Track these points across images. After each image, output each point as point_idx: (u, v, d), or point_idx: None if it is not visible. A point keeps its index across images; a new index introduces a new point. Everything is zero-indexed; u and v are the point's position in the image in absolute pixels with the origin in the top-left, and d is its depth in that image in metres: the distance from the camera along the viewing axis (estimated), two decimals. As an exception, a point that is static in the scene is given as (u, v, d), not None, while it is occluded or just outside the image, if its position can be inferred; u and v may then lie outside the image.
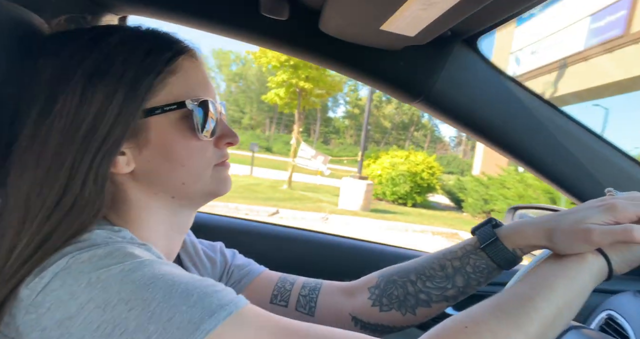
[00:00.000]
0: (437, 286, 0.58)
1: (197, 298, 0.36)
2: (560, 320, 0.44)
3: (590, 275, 0.46)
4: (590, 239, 0.46)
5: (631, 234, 0.44)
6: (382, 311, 0.59)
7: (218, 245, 0.68)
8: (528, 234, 0.52)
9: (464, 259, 0.57)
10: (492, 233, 0.55)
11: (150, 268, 0.37)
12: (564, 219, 0.49)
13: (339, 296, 0.62)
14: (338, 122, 59.35)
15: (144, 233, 0.48)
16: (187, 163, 0.48)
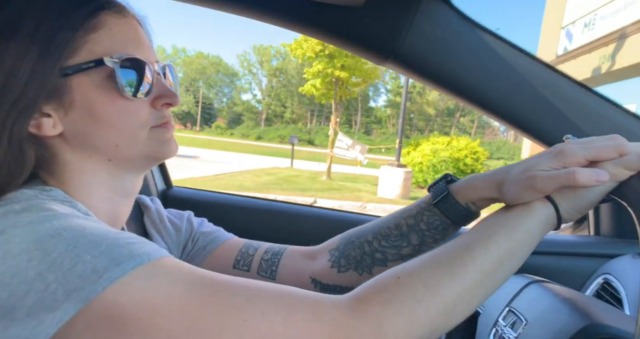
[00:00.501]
0: (392, 244, 0.57)
1: (105, 249, 0.35)
2: (502, 270, 0.42)
3: (536, 223, 0.44)
4: (535, 185, 0.43)
5: (574, 177, 0.41)
6: (339, 272, 0.59)
7: (186, 214, 0.68)
8: (478, 187, 0.50)
9: (418, 217, 0.55)
10: (444, 188, 0.53)
11: (60, 221, 0.37)
12: (513, 169, 0.47)
13: (301, 259, 0.62)
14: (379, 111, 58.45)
15: (83, 196, 0.48)
16: (117, 124, 0.47)
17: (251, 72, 63.90)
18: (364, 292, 0.39)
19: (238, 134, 49.90)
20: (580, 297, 0.50)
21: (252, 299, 0.36)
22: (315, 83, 12.15)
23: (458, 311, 0.39)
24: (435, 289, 0.38)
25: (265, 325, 0.35)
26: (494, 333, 0.56)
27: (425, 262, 0.41)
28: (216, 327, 0.34)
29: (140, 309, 0.34)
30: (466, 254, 0.41)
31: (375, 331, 0.36)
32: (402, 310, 0.37)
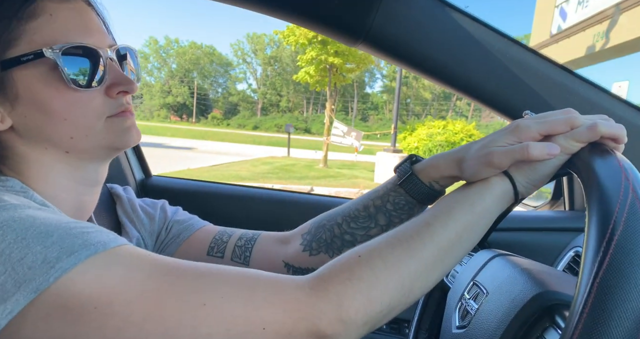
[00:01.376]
0: (360, 226, 0.58)
1: (56, 239, 0.35)
2: (460, 245, 0.42)
3: (494, 199, 0.45)
4: (491, 161, 0.44)
5: (527, 152, 0.42)
6: (311, 255, 0.60)
7: (160, 202, 0.68)
8: (440, 165, 0.51)
9: (385, 197, 0.56)
10: (408, 169, 0.54)
11: (10, 212, 0.37)
12: (472, 147, 0.48)
13: (274, 244, 0.62)
14: (376, 97, 58.13)
15: (42, 186, 0.47)
16: (69, 117, 0.45)
17: (245, 61, 63.26)
18: (326, 271, 0.39)
19: (234, 124, 49.67)
20: (537, 267, 0.51)
21: (211, 283, 0.37)
22: (309, 70, 12.05)
23: (417, 287, 0.40)
24: (394, 267, 0.39)
25: (225, 308, 0.35)
26: (459, 306, 0.57)
27: (385, 240, 0.42)
28: (175, 312, 0.34)
29: (96, 297, 0.33)
30: (425, 231, 0.42)
31: (336, 309, 0.36)
32: (362, 288, 0.37)
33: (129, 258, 0.37)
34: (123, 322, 0.34)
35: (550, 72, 0.74)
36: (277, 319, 0.36)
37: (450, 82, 0.77)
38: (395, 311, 0.40)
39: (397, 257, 0.39)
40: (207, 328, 0.35)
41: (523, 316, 0.43)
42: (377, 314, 0.38)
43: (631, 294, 0.31)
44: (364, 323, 0.37)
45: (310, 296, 0.37)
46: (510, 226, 0.90)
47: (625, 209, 0.35)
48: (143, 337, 0.34)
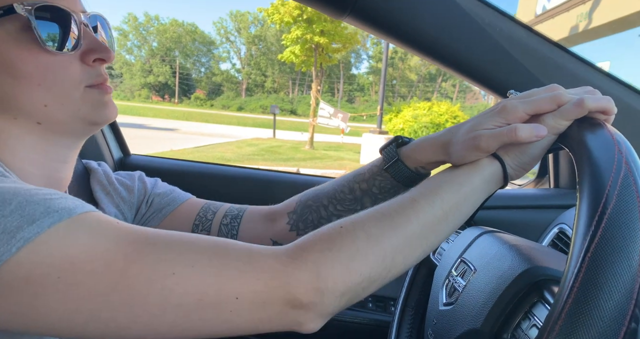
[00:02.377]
0: (347, 208, 0.57)
1: (15, 207, 0.33)
2: (445, 224, 0.42)
3: (482, 180, 0.44)
4: (479, 145, 0.43)
5: (515, 134, 0.41)
6: (299, 235, 0.59)
7: (137, 174, 0.66)
8: (427, 150, 0.50)
9: (370, 181, 0.55)
10: (394, 154, 0.53)
11: None
12: (458, 130, 0.46)
13: (261, 222, 0.61)
14: (362, 78, 57.72)
15: (10, 159, 0.45)
16: (43, 82, 0.43)
17: (229, 40, 61.70)
18: (305, 241, 0.38)
19: (218, 105, 48.83)
20: (525, 243, 0.51)
21: (182, 252, 0.35)
22: (294, 50, 11.83)
23: (398, 262, 0.39)
24: (376, 239, 0.38)
25: (196, 278, 0.34)
26: (447, 284, 0.57)
27: (370, 213, 0.41)
28: (143, 282, 0.33)
29: (59, 267, 0.32)
30: (410, 206, 0.41)
31: (313, 277, 0.35)
32: (341, 257, 0.36)
33: (95, 225, 0.35)
34: (88, 292, 0.32)
35: (541, 47, 0.72)
36: (251, 288, 0.34)
37: (438, 56, 0.75)
38: (375, 285, 0.39)
39: (380, 230, 0.38)
40: (177, 298, 0.33)
41: (511, 292, 0.43)
42: (356, 286, 0.37)
43: (622, 268, 0.31)
44: (342, 293, 0.36)
45: (286, 265, 0.35)
46: (496, 204, 0.90)
47: (619, 183, 0.35)
48: (109, 308, 0.32)
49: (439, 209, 0.41)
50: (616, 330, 0.29)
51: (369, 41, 54.15)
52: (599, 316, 0.30)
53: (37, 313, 0.32)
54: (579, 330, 0.30)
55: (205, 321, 0.34)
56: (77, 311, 0.32)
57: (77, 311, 0.32)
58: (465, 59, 0.75)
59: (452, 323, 0.50)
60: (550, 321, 0.31)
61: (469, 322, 0.47)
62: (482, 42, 0.73)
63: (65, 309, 0.32)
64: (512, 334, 0.42)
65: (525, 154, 0.44)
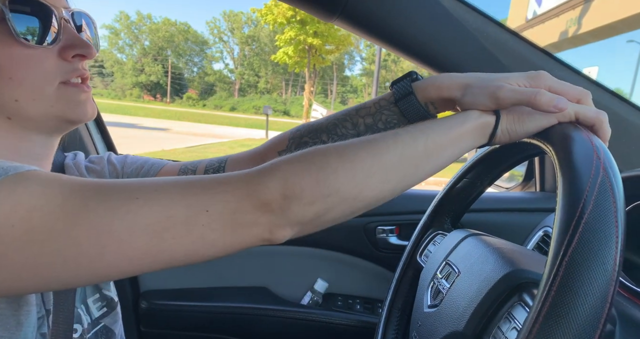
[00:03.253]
0: None
1: None
2: (427, 161, 0.41)
3: (472, 128, 0.43)
4: (497, 94, 0.42)
5: (535, 97, 0.41)
6: None
7: (106, 155, 0.64)
8: (443, 85, 0.47)
9: (377, 116, 0.53)
10: (408, 88, 0.50)
11: None
12: (484, 77, 0.45)
13: (248, 165, 0.56)
14: (355, 80, 57.86)
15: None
16: (15, 75, 0.42)
17: (222, 40, 61.43)
18: (278, 158, 0.38)
19: (211, 105, 48.57)
20: (509, 246, 0.52)
21: (143, 182, 0.34)
22: (287, 51, 11.83)
23: (371, 185, 0.38)
24: (348, 158, 0.37)
25: (161, 198, 0.33)
26: (432, 286, 0.57)
27: (351, 140, 0.40)
28: (105, 210, 0.32)
29: (10, 214, 0.31)
30: (392, 137, 0.40)
31: (280, 183, 0.35)
32: (310, 168, 0.36)
33: (44, 176, 0.34)
34: (47, 233, 0.31)
35: (528, 53, 0.73)
36: (219, 198, 0.34)
37: (426, 60, 0.76)
38: (346, 205, 0.37)
39: (354, 151, 0.38)
40: (144, 218, 0.32)
41: (493, 295, 0.44)
42: (325, 198, 0.36)
43: (598, 272, 0.31)
44: (310, 202, 0.35)
45: (253, 175, 0.35)
46: (483, 206, 0.91)
47: (596, 188, 0.35)
48: (74, 243, 0.31)
49: (421, 145, 0.40)
50: (591, 333, 0.30)
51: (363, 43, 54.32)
52: (575, 319, 0.30)
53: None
54: (555, 333, 0.30)
55: (179, 240, 0.33)
56: (41, 254, 0.31)
57: (41, 253, 0.31)
58: (452, 62, 0.75)
59: (436, 325, 0.51)
60: (528, 324, 0.32)
61: (452, 324, 0.47)
62: (469, 47, 0.74)
63: (27, 254, 0.31)
64: (493, 336, 0.42)
65: (522, 123, 0.43)
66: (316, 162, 0.36)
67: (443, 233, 0.68)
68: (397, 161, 0.39)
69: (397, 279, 0.71)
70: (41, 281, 0.32)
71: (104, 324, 0.53)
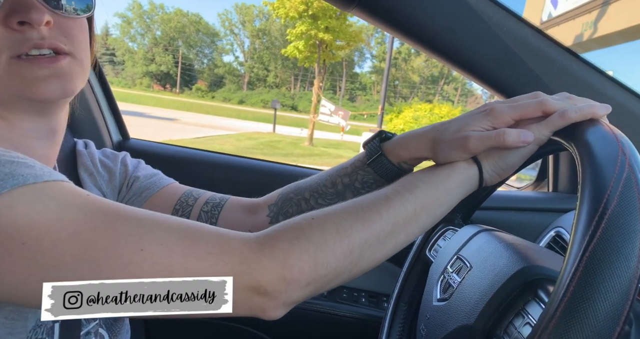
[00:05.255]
0: (328, 202, 0.56)
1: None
2: (416, 222, 0.42)
3: (459, 182, 0.44)
4: (467, 146, 0.44)
5: (503, 138, 0.42)
6: None
7: (121, 155, 0.64)
8: (411, 146, 0.49)
9: (353, 176, 0.55)
10: (377, 148, 0.52)
11: None
12: (447, 129, 0.46)
13: (241, 213, 0.60)
14: (364, 77, 57.61)
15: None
16: None
17: (233, 32, 61.39)
18: (276, 229, 0.38)
19: (220, 97, 48.67)
20: (522, 242, 0.51)
21: (152, 229, 0.34)
22: (298, 45, 11.80)
23: (365, 257, 0.39)
24: (345, 232, 0.38)
25: (164, 256, 0.33)
26: (442, 280, 0.57)
27: (342, 207, 0.41)
28: (111, 255, 0.32)
29: (25, 232, 0.31)
30: (383, 203, 0.41)
31: (280, 266, 0.35)
32: (309, 248, 0.36)
33: (63, 194, 0.33)
34: (54, 261, 0.31)
35: (547, 49, 0.72)
36: (217, 270, 0.34)
37: (444, 53, 0.75)
38: (340, 279, 0.39)
39: (350, 223, 0.38)
40: (143, 274, 0.33)
41: (506, 290, 0.43)
42: (322, 278, 0.37)
43: (620, 268, 0.31)
44: (307, 283, 0.36)
45: (255, 252, 0.35)
46: (494, 205, 0.90)
47: (621, 184, 0.34)
48: (75, 277, 0.31)
49: (411, 209, 0.41)
50: (610, 330, 0.29)
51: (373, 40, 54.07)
52: (594, 315, 0.30)
53: (2, 275, 0.31)
54: (573, 328, 0.30)
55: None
56: (43, 277, 0.31)
57: (43, 277, 0.31)
58: (470, 57, 0.74)
59: (445, 319, 0.50)
60: (545, 319, 0.31)
61: (462, 318, 0.47)
62: (488, 41, 0.73)
63: (30, 275, 0.31)
64: (505, 331, 0.42)
65: (504, 160, 0.45)
66: (314, 240, 0.37)
67: (454, 229, 0.68)
68: (389, 229, 0.40)
69: (405, 272, 0.71)
70: (36, 301, 0.32)
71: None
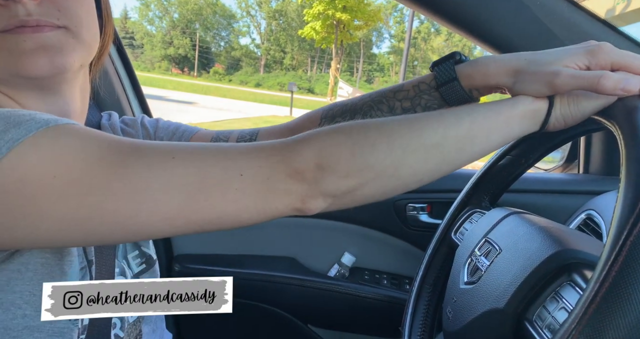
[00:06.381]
0: None
1: (0, 115, 0.32)
2: (471, 144, 0.38)
3: (521, 115, 0.40)
4: (555, 82, 0.39)
5: (599, 82, 0.37)
6: None
7: (139, 119, 0.63)
8: (489, 72, 0.45)
9: (416, 100, 0.50)
10: (452, 72, 0.47)
11: None
12: (536, 60, 0.42)
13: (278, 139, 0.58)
14: (382, 58, 56.44)
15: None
16: None
17: (249, 14, 60.75)
18: (315, 129, 0.37)
19: (237, 80, 48.64)
20: (555, 226, 0.49)
21: (179, 145, 0.34)
22: (315, 26, 11.61)
23: (408, 163, 0.36)
24: (386, 131, 0.36)
25: (196, 159, 0.33)
26: (469, 263, 0.56)
27: (392, 117, 0.39)
28: (143, 167, 0.32)
29: (54, 167, 0.31)
30: (436, 116, 0.38)
31: (315, 153, 0.34)
32: (347, 141, 0.35)
33: (84, 131, 0.34)
34: (87, 186, 0.31)
35: (585, 24, 0.68)
36: (254, 164, 0.33)
37: (469, 27, 0.72)
38: (380, 182, 0.36)
39: (394, 126, 0.36)
40: (179, 179, 0.32)
41: (539, 273, 0.42)
42: (360, 172, 0.35)
43: (667, 253, 0.29)
44: (345, 174, 0.35)
45: (288, 143, 0.35)
46: (522, 187, 0.88)
47: (671, 165, 0.33)
48: (111, 197, 0.31)
49: (466, 127, 0.38)
50: (654, 317, 0.28)
51: (392, 19, 52.65)
52: (638, 301, 0.29)
53: (40, 214, 0.31)
54: (614, 314, 0.29)
55: (212, 202, 0.33)
56: (80, 206, 0.31)
57: (80, 206, 0.31)
58: (497, 31, 0.71)
59: (473, 302, 0.50)
60: (584, 304, 0.30)
61: (492, 301, 0.46)
62: (518, 14, 0.69)
63: (67, 206, 0.31)
64: (538, 315, 0.41)
65: (578, 106, 0.40)
66: (353, 135, 0.35)
67: (481, 211, 0.66)
68: (438, 141, 0.37)
69: (430, 255, 0.70)
70: (80, 235, 0.33)
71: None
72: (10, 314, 0.36)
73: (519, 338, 0.43)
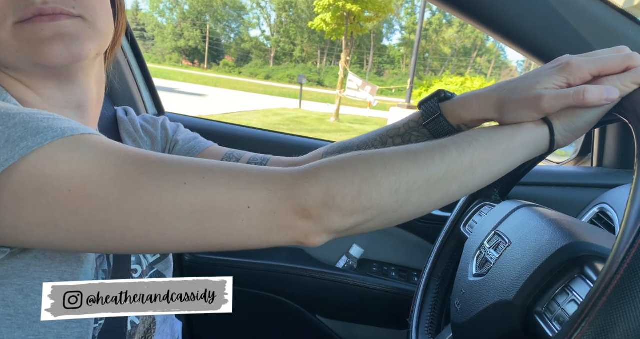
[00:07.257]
0: None
1: (19, 120, 0.32)
2: (472, 176, 0.39)
3: (524, 143, 0.41)
4: (540, 106, 0.40)
5: (583, 97, 0.38)
6: None
7: (160, 119, 0.65)
8: (473, 107, 0.46)
9: (406, 137, 0.52)
10: (436, 109, 0.49)
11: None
12: (515, 88, 0.43)
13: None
14: (393, 50, 55.83)
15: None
16: None
17: (259, 5, 60.54)
18: (321, 161, 0.37)
19: (246, 72, 48.63)
20: (566, 218, 0.49)
21: (192, 166, 0.35)
22: (325, 17, 11.51)
23: (412, 199, 0.37)
24: (392, 169, 0.36)
25: (208, 187, 0.34)
26: (478, 255, 0.56)
27: (394, 149, 0.39)
28: (154, 190, 0.32)
29: (69, 181, 0.31)
30: (438, 149, 0.39)
31: (323, 191, 0.34)
32: (354, 178, 0.35)
33: (100, 143, 0.34)
34: (100, 203, 0.32)
35: (602, 13, 0.66)
36: (262, 197, 0.34)
37: (482, 17, 0.70)
38: (384, 218, 0.37)
39: (399, 162, 0.37)
40: (189, 205, 0.33)
41: (549, 266, 0.42)
42: (365, 210, 0.36)
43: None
44: (350, 212, 0.35)
45: (297, 178, 0.35)
46: (533, 180, 0.87)
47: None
48: (123, 216, 0.32)
49: (468, 160, 0.39)
50: (666, 309, 0.28)
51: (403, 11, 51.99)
52: (650, 294, 0.28)
53: (54, 223, 0.32)
54: (625, 307, 0.29)
55: (218, 230, 0.34)
56: (92, 221, 0.32)
57: (92, 221, 0.32)
58: (511, 21, 0.69)
59: (482, 294, 0.49)
60: (594, 296, 0.30)
61: (501, 294, 0.46)
62: (534, 5, 0.68)
63: (80, 219, 0.32)
64: (547, 308, 0.41)
65: (579, 118, 0.40)
66: (360, 172, 0.36)
67: (491, 204, 0.66)
68: (441, 175, 0.38)
69: (438, 248, 0.70)
70: (91, 245, 0.34)
71: (157, 270, 0.55)
72: (30, 300, 0.37)
73: (527, 330, 0.42)
